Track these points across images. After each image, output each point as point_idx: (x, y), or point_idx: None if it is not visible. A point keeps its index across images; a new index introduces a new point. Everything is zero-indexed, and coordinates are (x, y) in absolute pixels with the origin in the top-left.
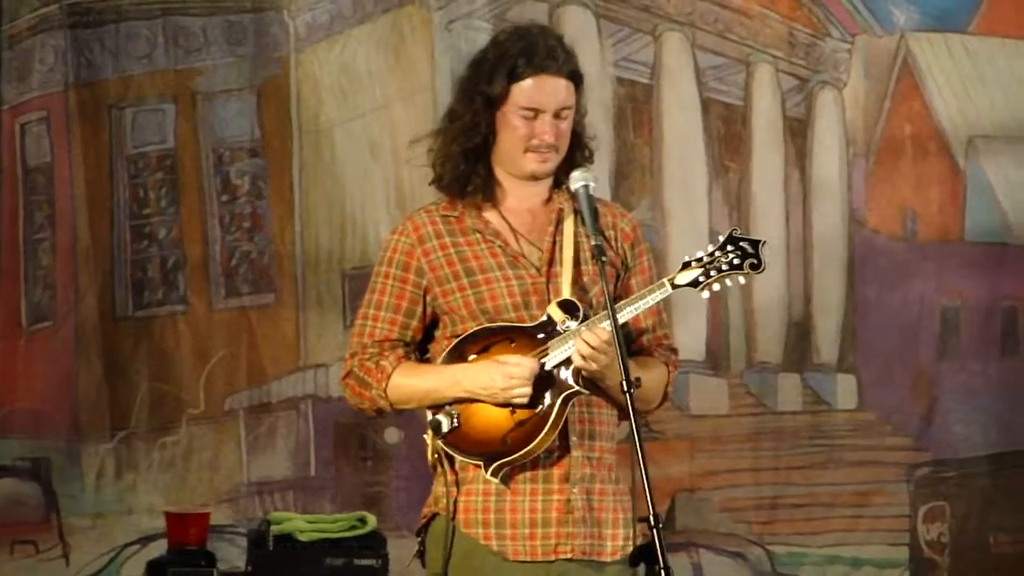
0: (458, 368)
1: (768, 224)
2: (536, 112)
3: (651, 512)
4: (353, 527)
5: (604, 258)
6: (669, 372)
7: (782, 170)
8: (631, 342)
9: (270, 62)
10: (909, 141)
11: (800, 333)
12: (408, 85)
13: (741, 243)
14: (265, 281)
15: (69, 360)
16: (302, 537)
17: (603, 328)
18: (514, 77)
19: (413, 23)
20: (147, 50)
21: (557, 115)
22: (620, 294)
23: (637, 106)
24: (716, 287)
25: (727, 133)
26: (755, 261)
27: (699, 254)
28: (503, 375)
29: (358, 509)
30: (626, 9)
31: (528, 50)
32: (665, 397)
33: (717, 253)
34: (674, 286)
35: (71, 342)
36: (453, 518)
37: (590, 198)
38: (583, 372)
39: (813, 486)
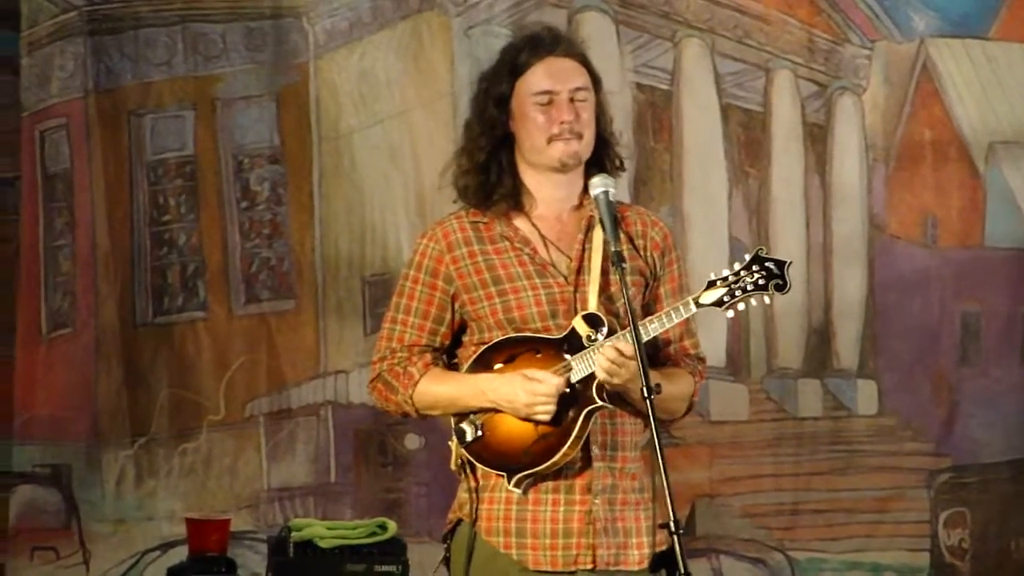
0: (484, 378)
1: (788, 230)
2: (550, 96)
3: (671, 518)
4: (373, 533)
5: (624, 265)
6: (696, 382)
7: (802, 176)
8: (657, 352)
9: (289, 69)
10: (929, 147)
11: (820, 339)
12: (427, 91)
13: (767, 263)
14: (285, 288)
15: (89, 367)
16: (322, 543)
17: (626, 343)
18: (521, 69)
19: (432, 29)
20: (166, 56)
21: (572, 99)
22: (649, 303)
23: (657, 112)
24: (741, 307)
25: (747, 139)
26: (780, 282)
27: (724, 273)
28: (527, 391)
29: (378, 515)
30: (645, 15)
31: (531, 40)
32: (691, 407)
33: (742, 273)
34: (699, 305)
35: (91, 349)
36: (474, 525)
37: (610, 204)
38: (607, 386)
39: (833, 492)
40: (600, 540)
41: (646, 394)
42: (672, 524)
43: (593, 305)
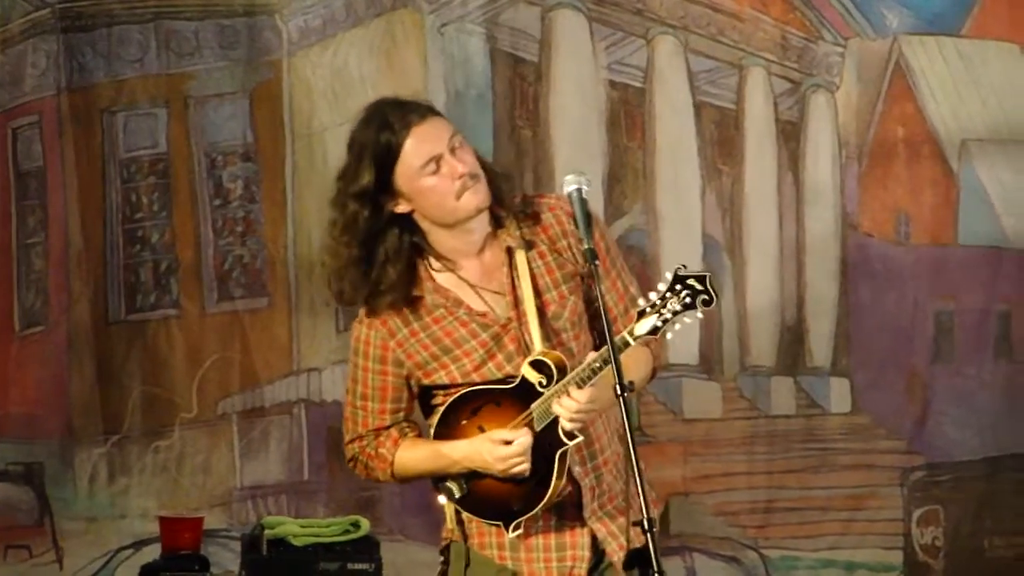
0: (455, 448)
1: (761, 228)
2: (436, 160)
3: (645, 516)
4: (347, 531)
5: (596, 262)
6: (651, 349)
7: (775, 174)
8: (610, 330)
9: (263, 66)
10: (902, 144)
11: (793, 337)
12: (400, 89)
13: (688, 280)
14: (258, 285)
15: (62, 364)
16: (296, 541)
17: (579, 391)
18: (393, 152)
19: (405, 27)
20: (139, 54)
21: (452, 149)
22: (591, 296)
23: (630, 110)
24: (677, 326)
25: (720, 137)
26: (706, 297)
27: (652, 298)
28: (498, 458)
29: (351, 513)
30: (619, 12)
31: (383, 124)
32: (655, 372)
33: (668, 295)
34: (635, 338)
35: (64, 346)
36: (466, 542)
37: (583, 202)
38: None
39: (807, 490)
40: (611, 545)
41: (619, 391)
42: (646, 522)
43: (536, 339)
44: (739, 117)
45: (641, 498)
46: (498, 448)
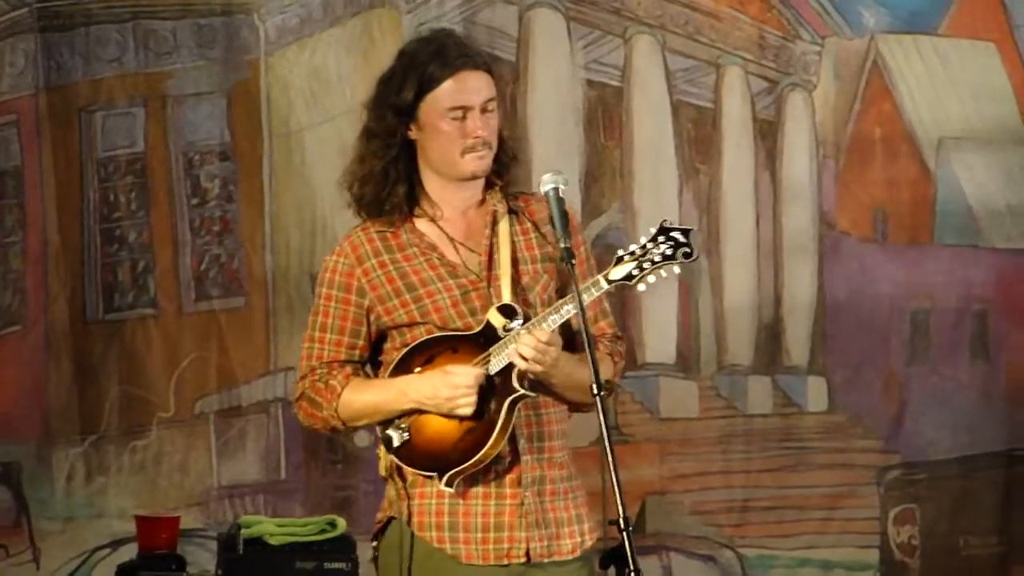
0: (404, 380)
1: (738, 226)
2: (464, 111)
3: (621, 515)
4: (323, 530)
5: (573, 262)
6: (615, 362)
7: (752, 172)
8: (574, 336)
9: (240, 65)
10: (879, 143)
11: (770, 335)
12: None
13: (672, 233)
14: (235, 284)
15: (39, 364)
16: (272, 541)
17: (543, 329)
18: (431, 83)
19: (383, 26)
20: (117, 53)
21: (484, 109)
22: (561, 287)
23: (607, 109)
24: (651, 279)
25: (697, 135)
26: (688, 250)
27: (632, 247)
28: (447, 385)
29: (328, 512)
30: (596, 12)
31: (439, 53)
32: (611, 390)
33: (649, 245)
34: (609, 281)
35: (41, 346)
36: (409, 523)
37: (560, 201)
38: (528, 375)
39: (783, 489)
40: (532, 533)
41: (595, 391)
42: (622, 521)
43: (507, 297)
44: (716, 116)
45: (617, 496)
46: (447, 376)
